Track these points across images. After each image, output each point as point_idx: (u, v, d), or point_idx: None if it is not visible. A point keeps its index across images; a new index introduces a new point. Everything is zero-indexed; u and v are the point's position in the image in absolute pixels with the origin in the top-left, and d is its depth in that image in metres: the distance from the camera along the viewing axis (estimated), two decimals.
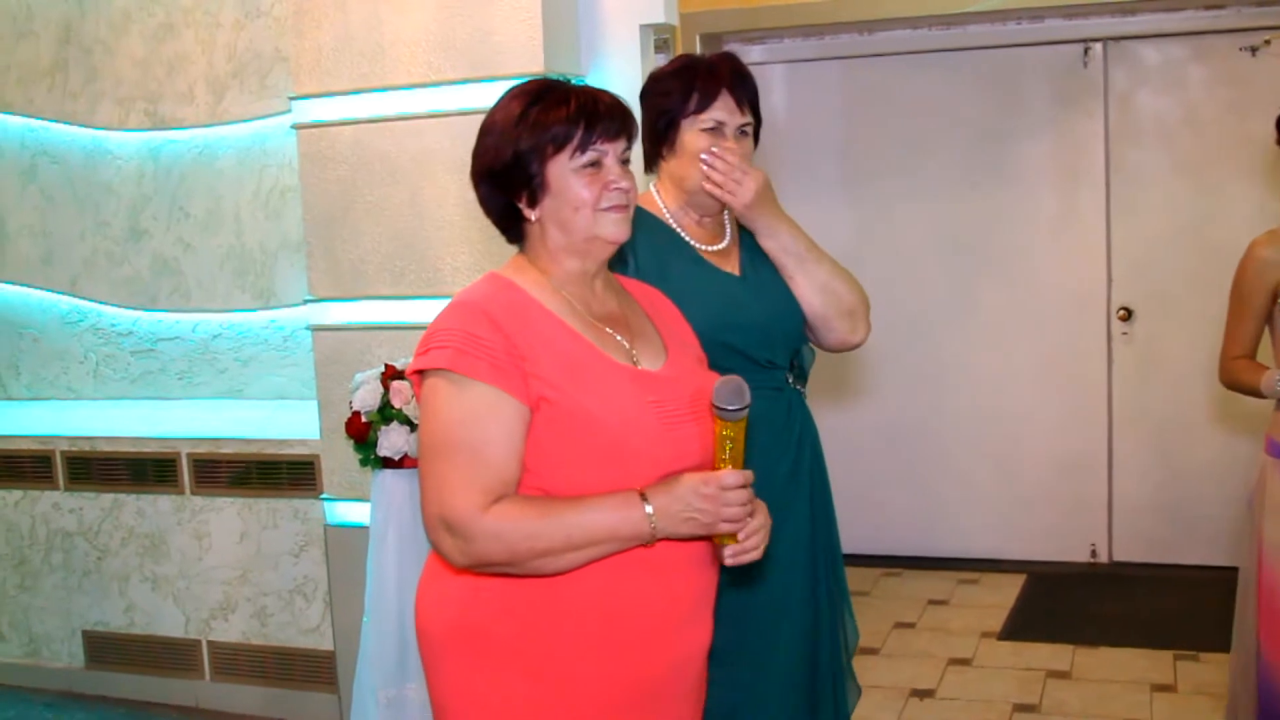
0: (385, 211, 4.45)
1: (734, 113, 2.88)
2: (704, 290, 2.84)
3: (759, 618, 2.86)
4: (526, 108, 2.25)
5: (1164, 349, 6.37)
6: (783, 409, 2.93)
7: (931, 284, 6.60)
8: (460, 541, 2.10)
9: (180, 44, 5.02)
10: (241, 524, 5.04)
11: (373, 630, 4.12)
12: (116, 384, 5.31)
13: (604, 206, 2.25)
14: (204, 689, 5.20)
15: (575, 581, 2.16)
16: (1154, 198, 6.33)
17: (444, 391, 2.15)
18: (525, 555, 2.09)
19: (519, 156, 2.24)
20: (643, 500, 2.12)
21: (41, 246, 5.37)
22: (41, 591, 5.47)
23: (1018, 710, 4.80)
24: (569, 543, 2.09)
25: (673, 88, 2.90)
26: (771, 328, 2.91)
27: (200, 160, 5.04)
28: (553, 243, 2.28)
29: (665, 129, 2.91)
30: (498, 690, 2.19)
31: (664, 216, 2.92)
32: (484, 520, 2.08)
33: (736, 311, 2.85)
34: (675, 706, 2.30)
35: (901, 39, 6.54)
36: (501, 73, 4.14)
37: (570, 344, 2.22)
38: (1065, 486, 6.56)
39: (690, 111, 2.87)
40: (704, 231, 2.95)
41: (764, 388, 2.84)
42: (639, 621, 2.20)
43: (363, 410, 4.10)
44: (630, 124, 2.32)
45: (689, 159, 2.87)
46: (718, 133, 2.86)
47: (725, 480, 2.13)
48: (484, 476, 2.10)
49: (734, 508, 2.13)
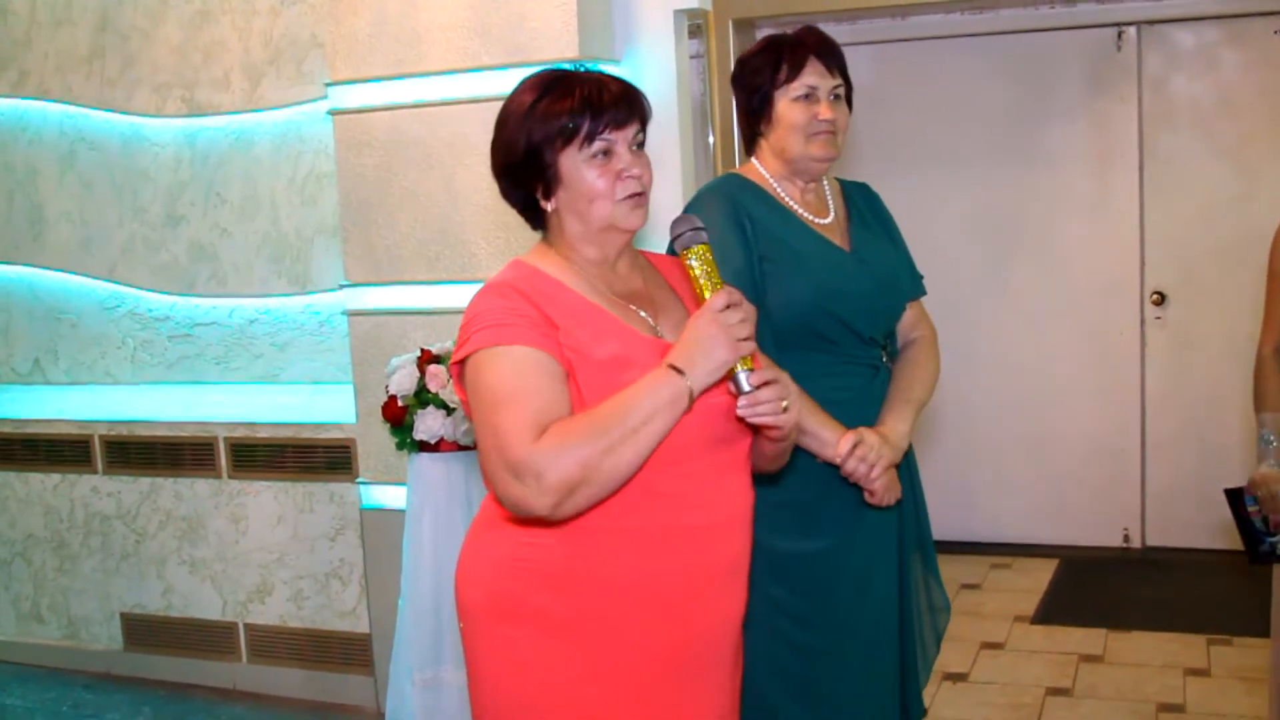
0: (420, 197, 4.47)
1: (824, 77, 2.90)
2: (815, 260, 2.87)
3: (845, 587, 2.90)
4: (535, 100, 2.27)
5: (1198, 333, 6.35)
6: (880, 386, 2.97)
7: (965, 268, 6.59)
8: (531, 481, 2.08)
9: (217, 30, 5.04)
10: (278, 507, 5.08)
11: (408, 612, 4.15)
12: (154, 369, 5.35)
13: (620, 197, 2.26)
14: (241, 671, 5.25)
15: (609, 550, 2.19)
16: (1188, 181, 6.30)
17: (486, 362, 2.17)
18: (595, 460, 2.07)
19: (531, 149, 2.26)
20: (666, 364, 2.14)
21: (80, 233, 5.41)
22: (80, 574, 5.53)
23: (1050, 694, 4.80)
24: (627, 428, 2.08)
25: (761, 64, 2.93)
26: (876, 303, 2.95)
27: (237, 146, 5.07)
28: (571, 232, 2.31)
29: (760, 105, 2.94)
30: (536, 660, 2.22)
31: (771, 188, 2.95)
32: (541, 447, 2.07)
33: (845, 282, 2.88)
34: (711, 674, 2.33)
35: (935, 23, 6.53)
36: (537, 58, 4.15)
37: (595, 316, 2.25)
38: (1098, 471, 6.55)
39: (782, 82, 2.90)
40: (810, 203, 2.97)
41: (862, 363, 2.93)
42: (673, 589, 2.22)
43: (399, 394, 4.13)
44: (640, 109, 2.31)
45: (786, 129, 2.89)
46: (812, 99, 2.89)
47: (714, 303, 2.15)
48: (533, 415, 2.10)
49: (736, 325, 2.15)
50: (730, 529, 2.31)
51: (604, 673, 2.22)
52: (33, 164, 5.46)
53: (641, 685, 2.24)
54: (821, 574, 2.87)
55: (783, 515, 2.81)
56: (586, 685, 2.22)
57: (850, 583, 2.90)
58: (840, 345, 2.89)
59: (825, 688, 2.89)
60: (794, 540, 2.85)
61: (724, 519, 2.29)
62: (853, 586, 2.91)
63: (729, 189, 2.92)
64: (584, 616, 2.21)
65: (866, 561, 2.94)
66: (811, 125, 2.88)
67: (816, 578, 2.87)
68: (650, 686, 2.24)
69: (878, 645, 2.99)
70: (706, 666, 2.31)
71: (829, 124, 2.89)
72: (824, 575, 2.87)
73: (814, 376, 2.80)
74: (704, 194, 2.96)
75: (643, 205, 2.30)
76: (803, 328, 2.84)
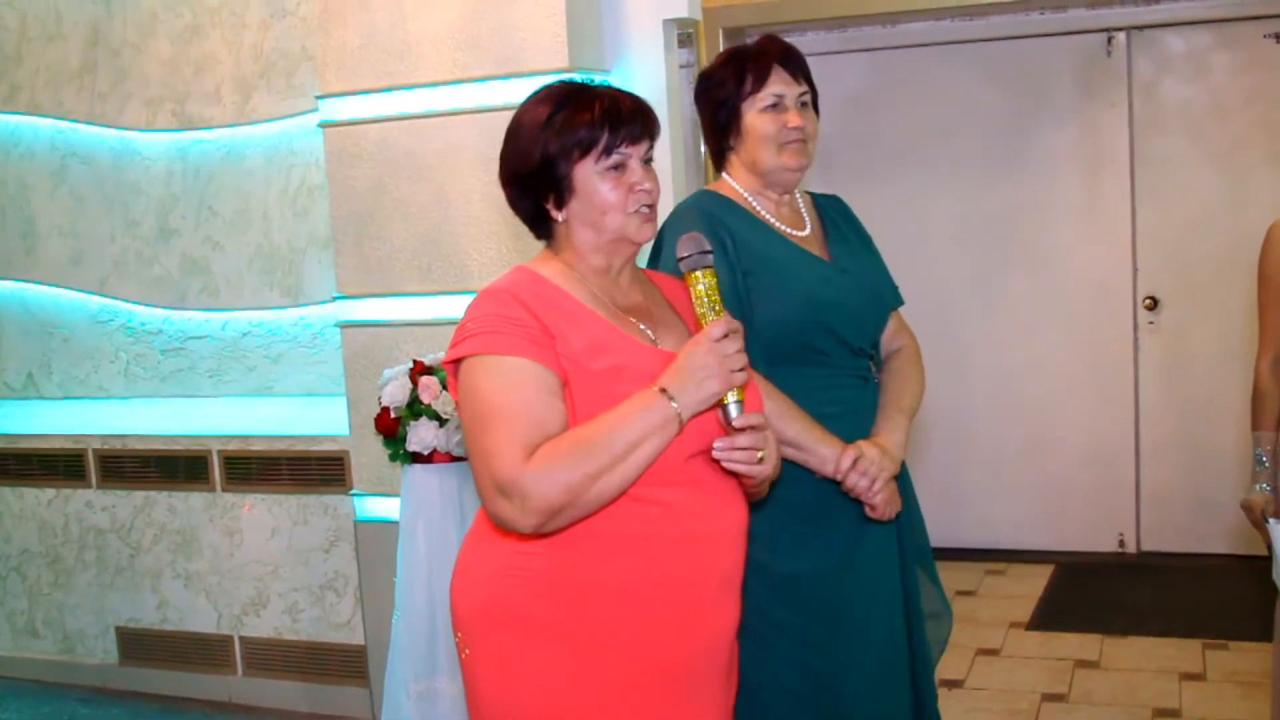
0: (412, 208, 4.47)
1: (790, 84, 2.88)
2: (800, 272, 2.86)
3: (852, 606, 2.88)
4: (553, 112, 2.28)
5: (1191, 338, 6.36)
6: (870, 397, 2.96)
7: (957, 275, 6.59)
8: (518, 500, 2.10)
9: (207, 44, 5.05)
10: (272, 520, 5.08)
11: (403, 624, 4.14)
12: (147, 382, 5.35)
13: (631, 210, 2.29)
14: (236, 684, 5.25)
15: (611, 558, 2.19)
16: (1179, 186, 6.31)
17: (479, 371, 2.19)
18: (582, 486, 2.09)
19: (546, 160, 2.28)
20: (656, 388, 2.14)
21: (72, 247, 5.41)
22: (75, 589, 5.52)
23: (1046, 700, 4.80)
24: (614, 455, 2.10)
25: (725, 77, 2.91)
26: (863, 313, 2.94)
27: (228, 160, 5.08)
28: (579, 241, 2.33)
29: (727, 119, 2.91)
30: (530, 669, 2.22)
31: (746, 202, 2.93)
32: (529, 470, 2.09)
33: (832, 293, 2.86)
34: (705, 686, 2.32)
35: (925, 30, 6.53)
36: (526, 69, 4.17)
37: (594, 325, 2.25)
38: (1093, 476, 6.55)
39: (748, 93, 2.87)
40: (785, 216, 2.96)
41: (853, 375, 2.92)
42: (665, 600, 2.22)
43: (391, 406, 4.12)
44: (652, 125, 2.34)
45: (756, 141, 2.87)
46: (779, 108, 2.87)
47: (712, 332, 2.17)
48: (523, 433, 2.12)
49: (732, 355, 2.16)
50: (723, 541, 2.31)
51: (598, 682, 2.22)
52: (24, 179, 5.46)
53: (635, 695, 2.24)
54: (827, 594, 2.84)
55: (782, 536, 2.80)
56: (581, 695, 2.22)
57: (857, 601, 2.88)
58: (831, 357, 2.87)
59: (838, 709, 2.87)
60: (795, 561, 2.82)
61: (716, 531, 2.29)
62: (860, 604, 2.89)
63: (705, 205, 2.89)
64: (577, 626, 2.21)
65: (872, 577, 2.93)
66: (782, 134, 2.86)
67: (822, 599, 2.84)
68: (644, 697, 2.24)
69: (889, 661, 2.98)
70: (700, 679, 2.31)
71: (799, 131, 2.87)
72: (830, 595, 2.84)
73: (806, 390, 2.79)
74: (680, 211, 2.92)
75: (653, 219, 2.34)
76: (793, 341, 2.82)
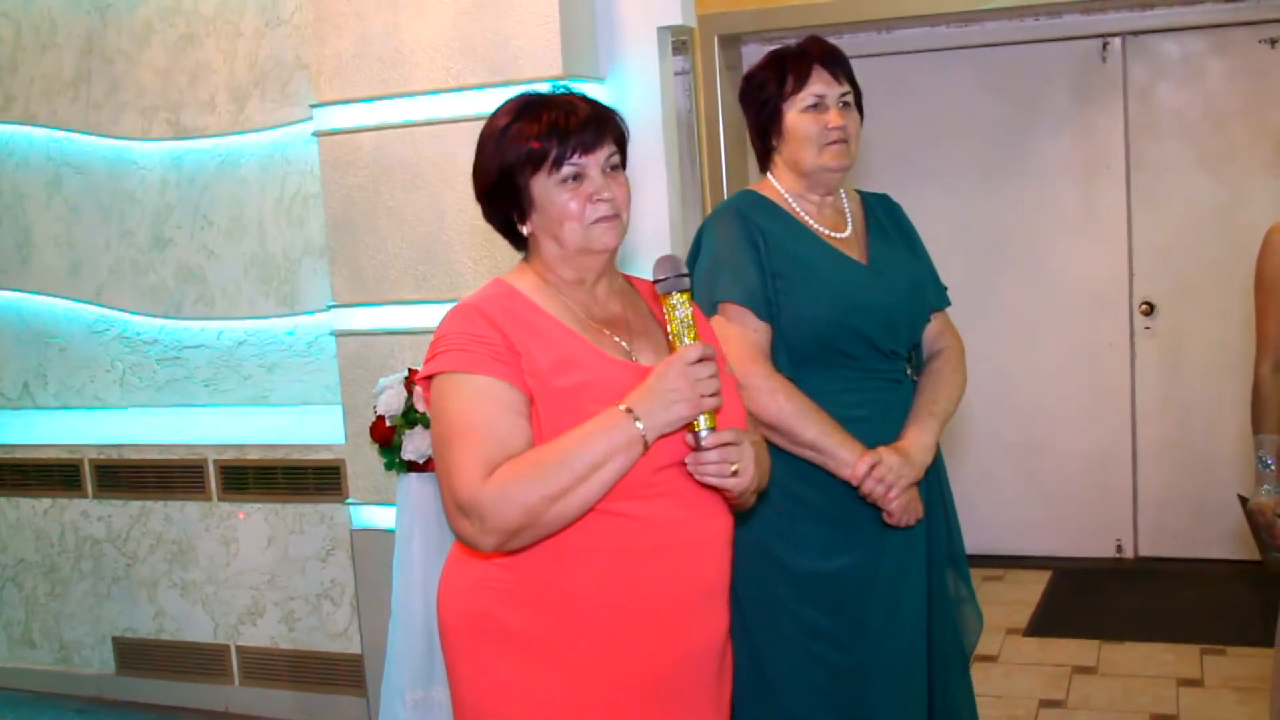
0: (407, 217, 4.47)
1: (831, 84, 2.90)
2: (833, 275, 2.87)
3: (874, 605, 2.88)
4: (507, 125, 2.28)
5: (1187, 343, 6.36)
6: (904, 400, 2.95)
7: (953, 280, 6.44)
8: (476, 520, 2.11)
9: (201, 53, 5.05)
10: (268, 529, 5.08)
11: (399, 633, 4.14)
12: (143, 392, 5.35)
13: (591, 220, 2.26)
14: (233, 694, 5.24)
15: (583, 570, 2.18)
16: (1175, 191, 6.32)
17: (446, 389, 2.19)
18: (540, 506, 2.08)
19: (503, 174, 2.27)
20: (623, 407, 2.13)
21: (67, 257, 5.41)
22: (71, 599, 5.52)
23: (1044, 706, 4.80)
24: (575, 475, 2.09)
25: (767, 78, 2.93)
26: (897, 317, 2.94)
27: (223, 168, 5.07)
28: (548, 253, 2.32)
29: (769, 119, 2.94)
30: (514, 679, 2.22)
31: (786, 203, 2.94)
32: (486, 489, 2.09)
33: (865, 297, 2.87)
34: (690, 697, 2.31)
35: (920, 37, 6.54)
36: (521, 77, 4.15)
37: (563, 340, 2.25)
38: (1089, 482, 6.55)
39: (789, 93, 2.90)
40: (826, 217, 2.97)
41: (884, 378, 2.92)
42: (642, 611, 2.22)
43: (387, 414, 4.12)
44: (611, 129, 2.30)
45: (798, 141, 2.90)
46: (820, 108, 2.89)
47: (687, 355, 2.15)
48: (484, 452, 2.11)
49: (705, 380, 2.14)
50: (704, 551, 2.29)
51: (579, 692, 2.21)
52: (19, 188, 5.46)
53: (617, 706, 2.23)
54: (850, 592, 2.85)
55: (804, 536, 2.80)
56: (563, 704, 2.22)
57: (879, 601, 2.88)
58: (860, 360, 2.87)
59: (860, 707, 2.87)
60: (817, 559, 2.83)
61: (695, 541, 2.27)
62: (882, 605, 2.89)
63: (742, 206, 2.92)
64: (555, 636, 2.20)
65: (895, 578, 2.92)
66: (823, 135, 2.88)
67: (845, 596, 2.85)
68: (626, 707, 2.24)
69: (911, 664, 2.97)
70: (685, 689, 2.30)
71: (840, 131, 2.89)
72: (852, 593, 2.86)
73: (834, 392, 2.80)
74: (719, 212, 2.96)
75: (616, 226, 2.29)
76: (820, 343, 2.83)
